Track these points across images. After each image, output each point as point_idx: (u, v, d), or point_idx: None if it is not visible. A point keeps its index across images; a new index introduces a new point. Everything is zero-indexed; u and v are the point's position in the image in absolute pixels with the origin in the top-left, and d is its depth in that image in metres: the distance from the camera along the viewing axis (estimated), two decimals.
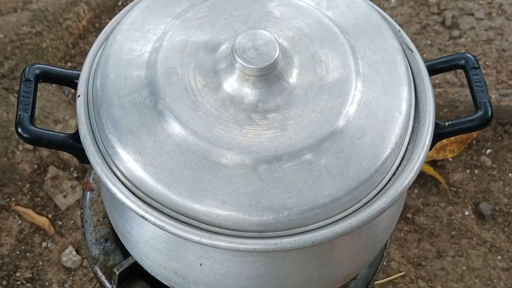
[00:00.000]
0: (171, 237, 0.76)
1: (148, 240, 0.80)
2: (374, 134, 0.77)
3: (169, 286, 0.86)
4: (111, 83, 0.79)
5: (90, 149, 0.77)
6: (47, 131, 0.82)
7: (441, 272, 1.60)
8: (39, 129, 0.81)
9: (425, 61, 0.88)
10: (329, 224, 0.73)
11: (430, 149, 0.81)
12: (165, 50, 0.81)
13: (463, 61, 0.90)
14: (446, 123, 0.86)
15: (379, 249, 0.92)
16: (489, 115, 0.85)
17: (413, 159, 0.78)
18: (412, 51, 0.87)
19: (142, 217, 0.72)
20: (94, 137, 0.79)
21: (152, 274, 0.87)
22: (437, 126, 0.83)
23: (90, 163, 0.77)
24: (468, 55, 0.90)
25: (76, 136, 0.80)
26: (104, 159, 0.77)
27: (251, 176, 0.73)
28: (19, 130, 0.80)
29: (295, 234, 0.72)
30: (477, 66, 0.89)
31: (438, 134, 0.84)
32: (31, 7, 1.84)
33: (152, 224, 0.72)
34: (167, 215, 0.73)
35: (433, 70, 0.90)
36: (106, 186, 0.75)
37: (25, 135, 0.80)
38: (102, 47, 0.86)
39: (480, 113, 0.85)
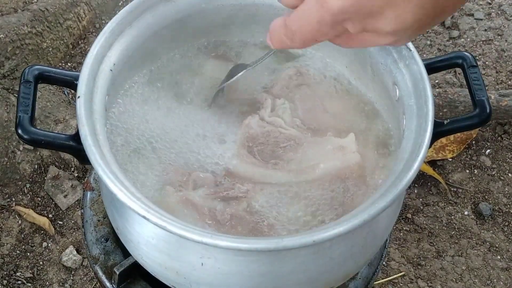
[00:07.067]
0: (173, 237, 0.76)
1: (149, 240, 0.80)
2: None
3: (170, 286, 0.86)
4: None
5: (91, 150, 0.77)
6: (47, 132, 0.81)
7: (441, 272, 1.60)
8: (39, 130, 0.81)
9: (423, 60, 0.88)
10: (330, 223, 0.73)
11: (430, 147, 0.81)
12: None
13: (461, 60, 0.90)
14: (445, 121, 0.86)
15: (379, 247, 0.92)
16: (487, 112, 0.85)
17: (412, 158, 0.78)
18: (410, 50, 0.87)
19: (144, 217, 0.72)
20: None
21: (153, 275, 0.86)
22: (436, 124, 0.83)
23: (90, 164, 0.77)
24: (466, 53, 0.90)
25: (76, 137, 0.80)
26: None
27: None
28: (19, 131, 0.80)
29: (297, 233, 0.72)
30: (474, 64, 0.89)
31: (437, 133, 0.84)
32: (32, 7, 1.84)
33: (154, 224, 0.72)
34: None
35: (431, 68, 0.90)
36: (107, 186, 0.75)
37: (25, 137, 0.80)
38: None
39: (478, 110, 0.85)
